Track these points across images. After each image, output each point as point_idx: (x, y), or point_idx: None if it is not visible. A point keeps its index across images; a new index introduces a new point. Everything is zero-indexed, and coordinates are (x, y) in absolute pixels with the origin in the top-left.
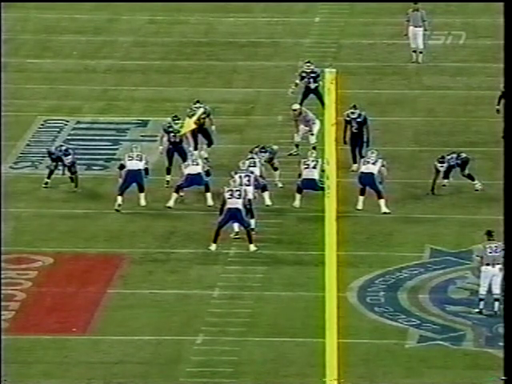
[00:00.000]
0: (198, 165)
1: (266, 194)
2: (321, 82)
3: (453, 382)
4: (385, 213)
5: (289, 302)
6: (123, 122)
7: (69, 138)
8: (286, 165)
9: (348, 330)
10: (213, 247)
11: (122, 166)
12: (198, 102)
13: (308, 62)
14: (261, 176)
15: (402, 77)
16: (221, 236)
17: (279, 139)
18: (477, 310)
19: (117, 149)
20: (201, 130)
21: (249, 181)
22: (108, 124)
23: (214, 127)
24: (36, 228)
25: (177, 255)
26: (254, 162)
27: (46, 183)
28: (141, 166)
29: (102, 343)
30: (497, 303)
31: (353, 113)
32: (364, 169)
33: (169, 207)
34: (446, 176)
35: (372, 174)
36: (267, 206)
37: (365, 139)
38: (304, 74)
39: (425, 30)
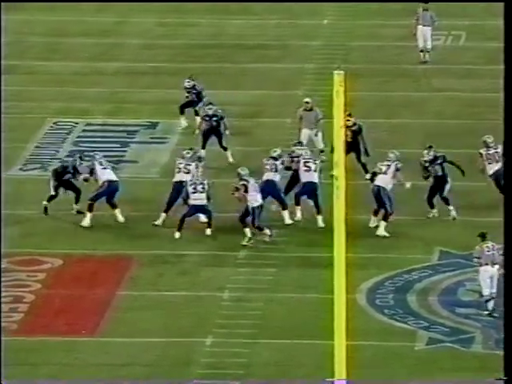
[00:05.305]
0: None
1: (286, 213)
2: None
3: (460, 382)
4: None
5: (298, 304)
6: (132, 124)
7: (78, 140)
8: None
9: (357, 331)
10: (177, 235)
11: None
12: (210, 103)
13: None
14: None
15: (411, 79)
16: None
17: (288, 141)
18: (486, 312)
19: (126, 151)
20: (214, 132)
21: (257, 187)
22: (117, 126)
23: (228, 132)
24: (45, 230)
25: (186, 257)
26: (276, 167)
27: (46, 207)
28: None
29: (110, 345)
30: (492, 302)
31: (348, 120)
32: (376, 181)
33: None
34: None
35: (378, 187)
36: (288, 225)
37: (362, 149)
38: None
39: (434, 29)
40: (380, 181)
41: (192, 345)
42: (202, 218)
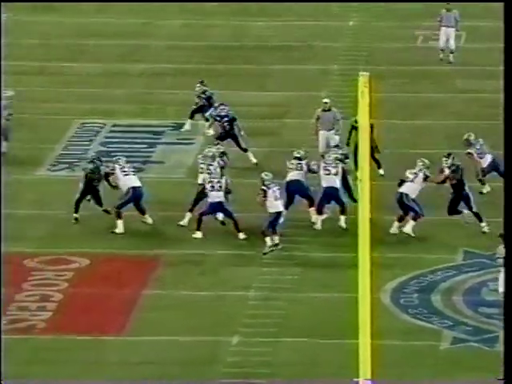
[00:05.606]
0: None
1: (313, 211)
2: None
3: (486, 382)
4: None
5: (323, 304)
6: (159, 125)
7: (105, 140)
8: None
9: (381, 331)
10: (198, 234)
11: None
12: (222, 104)
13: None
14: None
15: (434, 80)
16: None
17: (312, 142)
18: None
19: (153, 151)
20: (229, 135)
21: (280, 194)
22: (144, 127)
23: (243, 132)
24: (72, 230)
25: (212, 257)
26: (301, 166)
27: (76, 219)
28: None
29: (136, 344)
30: None
31: None
32: (401, 188)
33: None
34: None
35: (401, 193)
36: (313, 223)
37: (374, 146)
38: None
39: (457, 30)
40: (405, 188)
41: (217, 344)
42: (220, 216)
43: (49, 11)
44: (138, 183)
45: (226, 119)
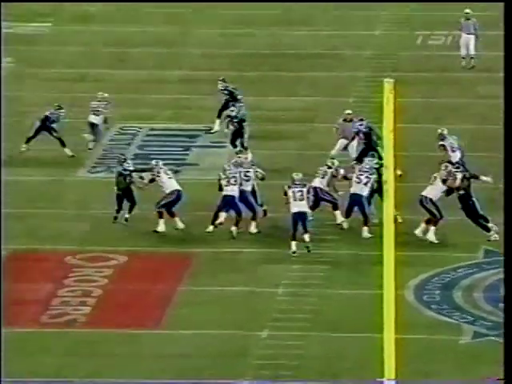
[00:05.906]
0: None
1: (338, 213)
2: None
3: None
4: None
5: (349, 300)
6: (193, 129)
7: (142, 144)
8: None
9: (405, 326)
10: (210, 228)
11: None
12: (233, 105)
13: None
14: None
15: (457, 86)
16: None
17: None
18: None
19: (187, 154)
20: (239, 134)
21: (302, 195)
22: (179, 131)
23: (246, 135)
24: (111, 229)
25: (243, 255)
26: (326, 174)
27: (116, 217)
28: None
29: (172, 338)
30: None
31: (361, 125)
32: (423, 191)
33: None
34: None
35: (422, 196)
36: (339, 225)
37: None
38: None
39: (476, 37)
40: (425, 190)
41: (249, 338)
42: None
43: (90, 22)
44: (179, 186)
45: (235, 120)
